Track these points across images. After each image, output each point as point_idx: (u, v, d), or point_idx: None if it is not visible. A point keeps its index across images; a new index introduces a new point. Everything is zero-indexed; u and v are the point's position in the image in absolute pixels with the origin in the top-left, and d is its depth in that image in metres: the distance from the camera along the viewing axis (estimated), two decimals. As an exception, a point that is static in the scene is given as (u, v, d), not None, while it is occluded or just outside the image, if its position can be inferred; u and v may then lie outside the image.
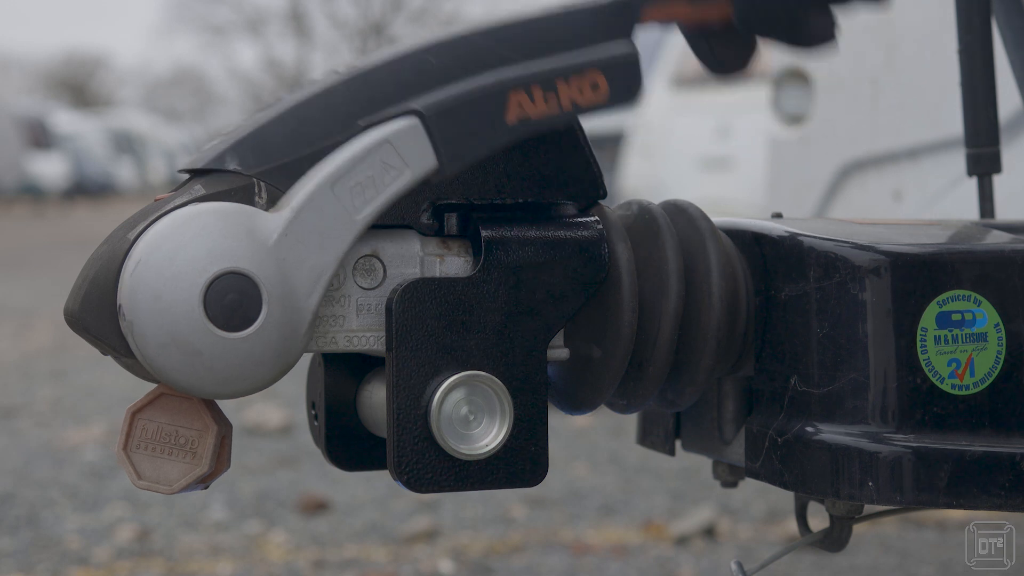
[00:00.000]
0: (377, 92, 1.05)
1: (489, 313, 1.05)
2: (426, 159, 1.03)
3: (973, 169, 1.40)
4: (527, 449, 1.06)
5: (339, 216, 1.02)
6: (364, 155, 1.02)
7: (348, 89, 1.05)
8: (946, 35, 1.49)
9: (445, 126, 1.03)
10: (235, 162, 1.02)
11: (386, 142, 1.02)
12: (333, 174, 1.01)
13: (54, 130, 27.48)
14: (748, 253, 1.17)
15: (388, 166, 1.02)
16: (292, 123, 1.04)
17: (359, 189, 1.02)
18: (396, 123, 1.03)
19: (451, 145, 1.03)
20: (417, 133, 1.03)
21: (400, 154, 1.03)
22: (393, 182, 1.03)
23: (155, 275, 0.98)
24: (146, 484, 1.03)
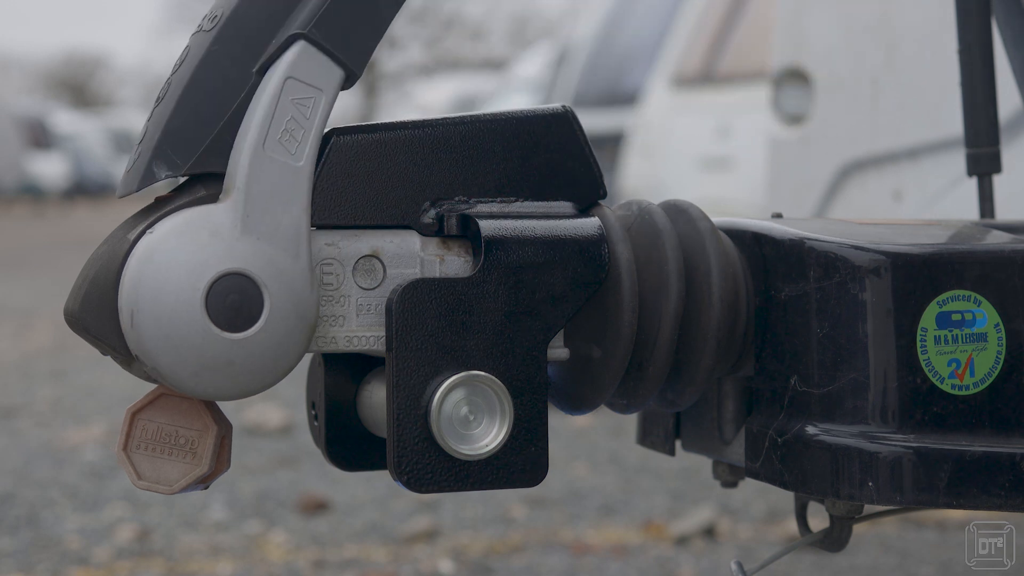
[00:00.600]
0: (250, 32, 1.03)
1: (489, 313, 1.05)
2: (332, 74, 1.02)
3: (973, 169, 1.40)
4: (527, 449, 1.06)
5: (283, 172, 1.01)
6: (274, 103, 1.01)
7: (223, 43, 1.03)
8: (946, 35, 1.49)
9: (331, 33, 1.02)
10: (164, 169, 1.01)
11: (288, 79, 1.01)
12: (257, 137, 1.01)
13: (54, 130, 27.48)
14: (748, 253, 1.17)
15: (302, 101, 1.02)
16: (193, 103, 1.02)
17: (288, 136, 1.01)
18: (287, 56, 1.01)
19: (348, 49, 1.03)
20: (311, 55, 1.02)
21: (307, 83, 1.02)
22: (314, 113, 1.02)
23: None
24: (146, 484, 1.03)
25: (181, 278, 0.98)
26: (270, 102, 1.01)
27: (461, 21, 32.45)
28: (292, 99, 1.01)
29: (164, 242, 0.98)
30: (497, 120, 1.12)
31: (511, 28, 33.41)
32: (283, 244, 1.00)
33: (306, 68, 1.02)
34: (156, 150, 1.01)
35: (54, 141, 27.12)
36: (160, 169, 1.01)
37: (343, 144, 1.07)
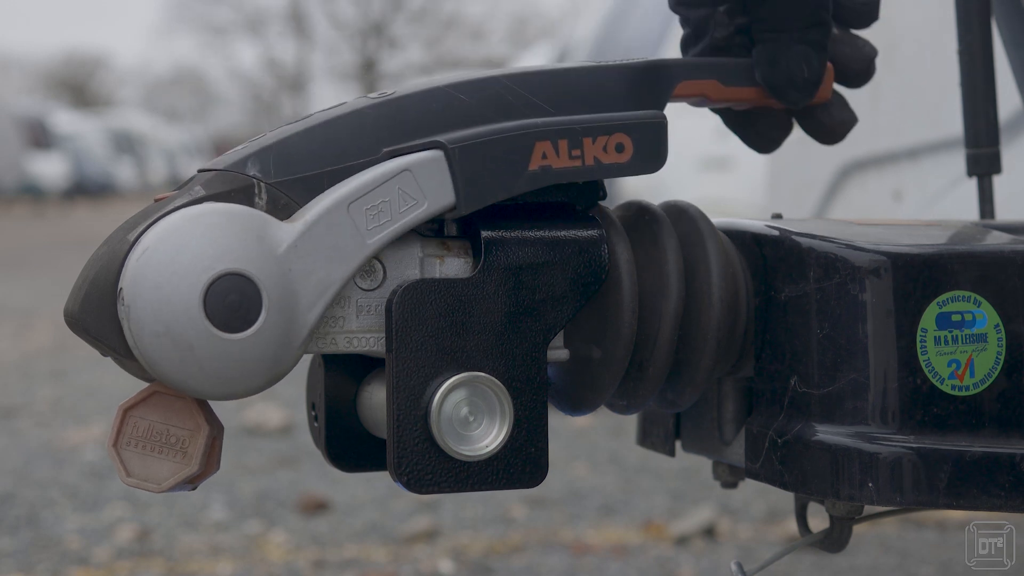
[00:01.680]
0: (405, 122, 1.06)
1: (489, 314, 1.05)
2: (444, 194, 1.04)
3: (973, 169, 1.40)
4: (527, 450, 1.06)
5: (351, 235, 1.02)
6: (383, 180, 1.03)
7: (377, 115, 1.06)
8: (946, 35, 1.49)
9: (468, 164, 1.04)
10: (256, 168, 1.03)
11: (407, 170, 1.03)
12: (350, 193, 1.02)
13: (54, 130, 27.49)
14: (748, 253, 1.17)
15: (406, 195, 1.03)
16: (318, 139, 1.04)
17: (374, 212, 1.03)
18: (420, 154, 1.04)
19: (471, 183, 1.04)
20: (439, 166, 1.04)
21: (419, 184, 1.03)
22: (409, 211, 1.03)
23: (159, 266, 0.98)
24: (135, 481, 1.03)
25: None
26: (381, 176, 1.02)
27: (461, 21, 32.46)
28: (399, 187, 1.03)
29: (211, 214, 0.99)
30: (497, 120, 1.11)
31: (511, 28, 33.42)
32: (307, 289, 1.01)
33: (428, 174, 1.03)
34: (261, 151, 1.03)
35: (54, 141, 27.13)
36: (252, 166, 1.03)
37: (343, 145, 1.07)
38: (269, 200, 1.03)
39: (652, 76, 1.14)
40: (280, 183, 1.03)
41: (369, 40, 31.42)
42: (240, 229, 0.99)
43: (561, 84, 1.11)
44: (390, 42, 31.38)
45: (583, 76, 1.12)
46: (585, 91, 1.11)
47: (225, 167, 1.04)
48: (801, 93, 1.18)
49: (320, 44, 33.68)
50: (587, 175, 1.07)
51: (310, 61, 34.13)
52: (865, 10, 1.22)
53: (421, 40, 31.91)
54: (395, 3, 31.48)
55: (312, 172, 1.04)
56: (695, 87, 1.17)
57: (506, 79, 1.10)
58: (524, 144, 1.05)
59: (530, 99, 1.09)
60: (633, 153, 1.08)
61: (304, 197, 1.03)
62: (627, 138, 1.08)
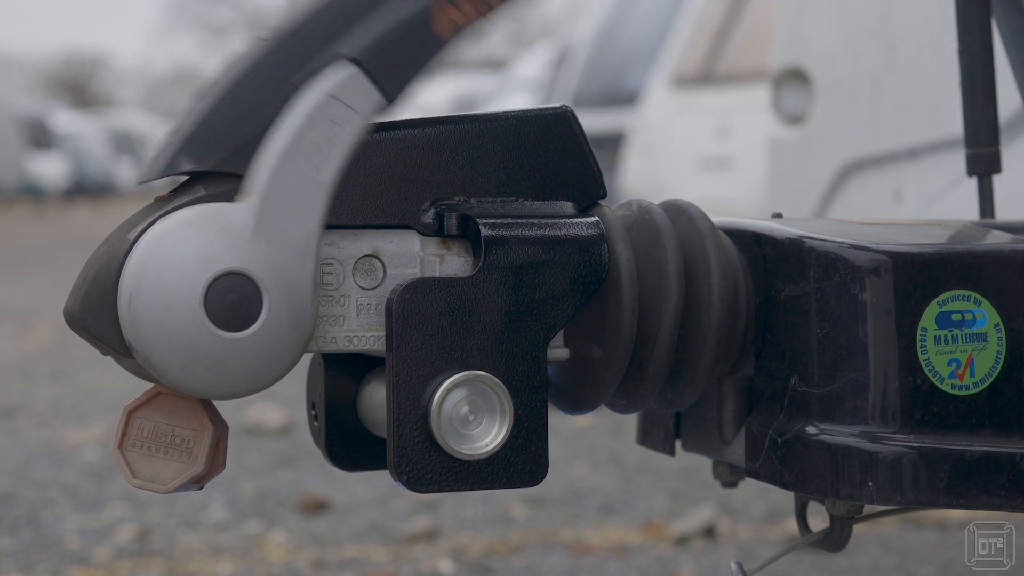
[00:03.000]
0: (304, 49, 1.04)
1: (489, 313, 1.05)
2: (370, 99, 1.04)
3: (973, 169, 1.40)
4: (527, 449, 1.06)
5: (305, 184, 1.01)
6: (311, 117, 1.02)
7: (276, 54, 1.04)
8: (946, 35, 1.49)
9: (382, 62, 1.03)
10: (189, 162, 1.02)
11: (329, 97, 1.02)
12: (287, 146, 1.01)
13: (54, 130, 27.48)
14: (748, 253, 1.17)
15: (337, 119, 1.03)
16: (231, 105, 1.03)
17: (315, 150, 1.02)
18: (334, 75, 1.03)
19: (391, 77, 1.04)
20: (356, 78, 1.03)
21: (346, 104, 1.03)
22: (345, 132, 1.03)
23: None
24: (140, 483, 1.03)
25: (185, 268, 0.98)
26: (307, 115, 1.02)
27: (461, 21, 32.38)
28: (328, 116, 1.02)
29: (175, 230, 0.99)
30: (497, 120, 1.12)
31: (511, 28, 33.40)
32: (291, 253, 1.00)
33: (349, 91, 1.03)
34: (185, 142, 1.02)
35: (54, 141, 27.12)
36: (184, 161, 1.02)
37: (343, 144, 1.07)
38: None
39: None
40: (217, 164, 1.02)
41: (369, 40, 31.31)
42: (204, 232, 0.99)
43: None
44: (390, 42, 31.26)
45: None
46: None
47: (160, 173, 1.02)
48: None
49: (320, 44, 33.55)
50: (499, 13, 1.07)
51: (310, 61, 34.01)
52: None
53: (421, 40, 31.81)
54: (395, 3, 31.36)
55: (241, 140, 1.02)
56: None
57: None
58: (422, 16, 1.05)
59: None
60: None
61: (244, 167, 1.02)
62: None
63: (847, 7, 2.32)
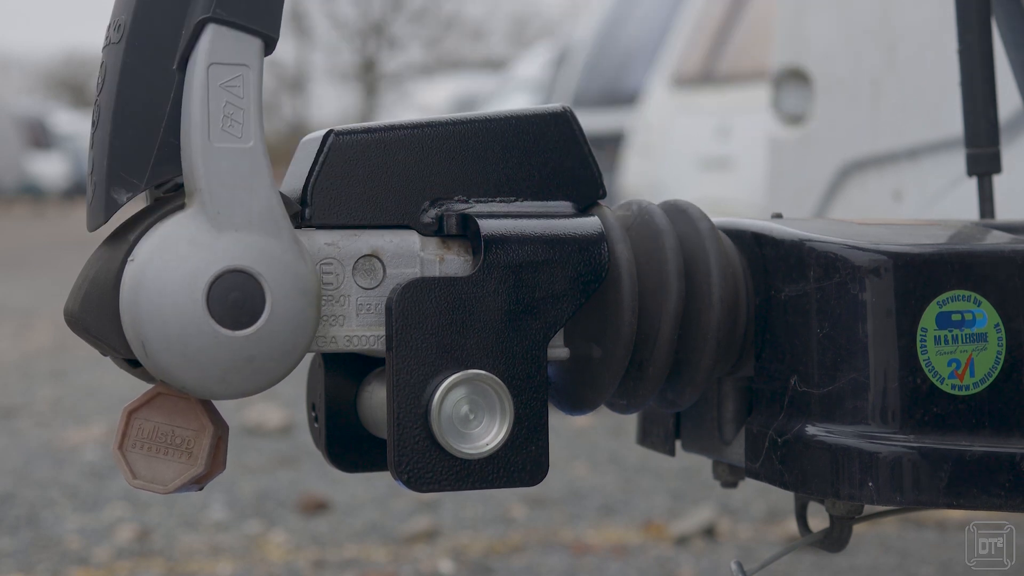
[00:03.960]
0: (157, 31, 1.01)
1: (489, 312, 1.05)
2: (252, 46, 1.01)
3: (973, 169, 1.40)
4: (527, 448, 1.06)
5: (237, 158, 1.00)
6: (205, 93, 1.00)
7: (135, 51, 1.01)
8: (946, 35, 1.49)
9: (236, 7, 1.01)
10: (123, 193, 1.00)
11: (211, 65, 1.00)
12: (199, 132, 1.00)
13: (54, 130, 27.48)
14: (748, 253, 1.17)
15: (231, 82, 1.01)
16: (126, 119, 1.01)
17: (229, 122, 1.01)
18: (201, 43, 1.00)
19: (257, 16, 1.01)
20: (225, 35, 1.01)
21: (230, 63, 1.01)
22: (247, 90, 1.01)
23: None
24: (141, 483, 1.03)
25: (177, 294, 0.97)
26: (201, 94, 1.00)
27: (461, 21, 32.45)
28: (221, 84, 1.00)
29: (150, 263, 0.98)
30: (497, 120, 1.12)
31: (511, 28, 33.41)
32: (261, 227, 1.00)
33: (224, 49, 1.00)
34: (109, 176, 1.00)
35: (54, 141, 27.12)
36: (119, 194, 1.00)
37: (343, 144, 1.07)
38: None
39: None
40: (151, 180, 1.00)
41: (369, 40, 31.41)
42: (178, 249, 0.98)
43: None
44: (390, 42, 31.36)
45: None
46: None
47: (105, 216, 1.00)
48: None
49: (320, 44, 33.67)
50: None
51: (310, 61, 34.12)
52: None
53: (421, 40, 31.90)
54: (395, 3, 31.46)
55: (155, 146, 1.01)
56: None
57: None
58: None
59: None
60: None
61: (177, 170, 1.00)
62: None
63: (847, 7, 2.32)
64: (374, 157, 1.07)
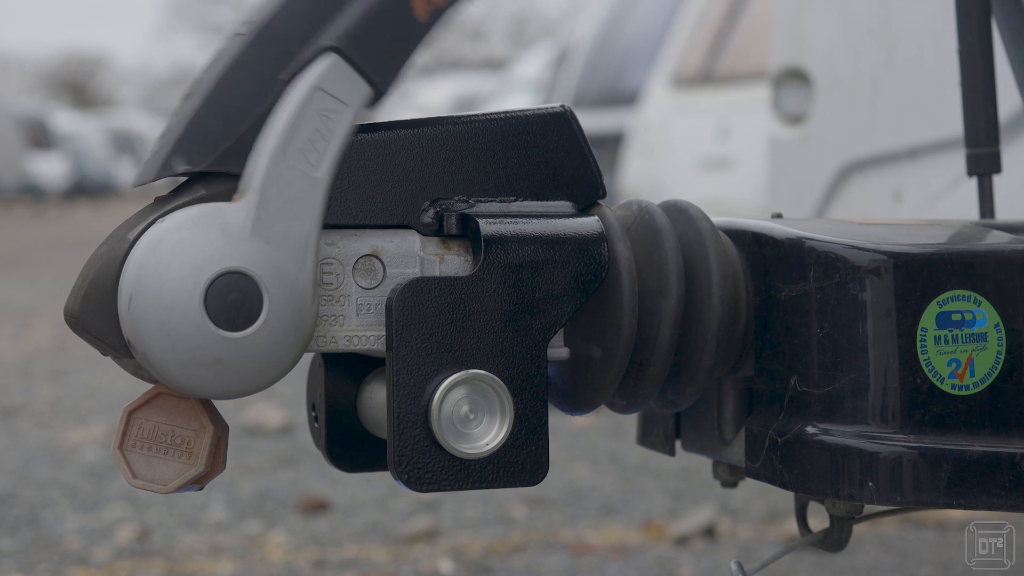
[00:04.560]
0: (284, 41, 1.03)
1: (489, 312, 1.05)
2: (359, 90, 1.03)
3: (973, 169, 1.40)
4: (527, 448, 1.06)
5: (300, 181, 1.01)
6: (301, 112, 1.01)
7: (257, 48, 1.03)
8: (946, 35, 1.49)
9: (363, 50, 1.03)
10: (183, 163, 1.01)
11: (316, 90, 1.02)
12: (280, 143, 1.01)
13: (54, 130, 27.48)
14: (748, 253, 1.17)
15: (327, 112, 1.02)
16: (220, 103, 1.02)
17: (309, 146, 1.02)
18: (318, 67, 1.02)
19: (376, 65, 1.03)
20: (342, 69, 1.02)
21: (334, 96, 1.02)
22: (338, 126, 1.02)
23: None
24: (141, 483, 1.03)
25: (184, 269, 0.97)
26: (296, 111, 1.01)
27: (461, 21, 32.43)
28: (318, 110, 1.02)
29: (173, 231, 0.98)
30: (497, 120, 1.12)
31: (511, 28, 33.40)
32: (291, 252, 1.00)
33: (335, 81, 1.02)
34: (178, 143, 1.02)
35: (54, 141, 27.12)
36: (179, 162, 1.01)
37: (343, 144, 1.07)
38: None
39: None
40: (212, 164, 1.01)
41: (369, 40, 31.32)
42: (201, 233, 0.99)
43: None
44: (390, 42, 31.28)
45: None
46: None
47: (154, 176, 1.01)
48: None
49: (320, 44, 33.55)
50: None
51: (310, 61, 34.00)
52: None
53: (421, 40, 31.83)
54: (395, 3, 31.37)
55: (233, 138, 1.02)
56: None
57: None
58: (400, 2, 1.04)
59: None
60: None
61: (239, 166, 1.02)
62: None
63: (847, 7, 2.32)
64: (374, 157, 1.07)
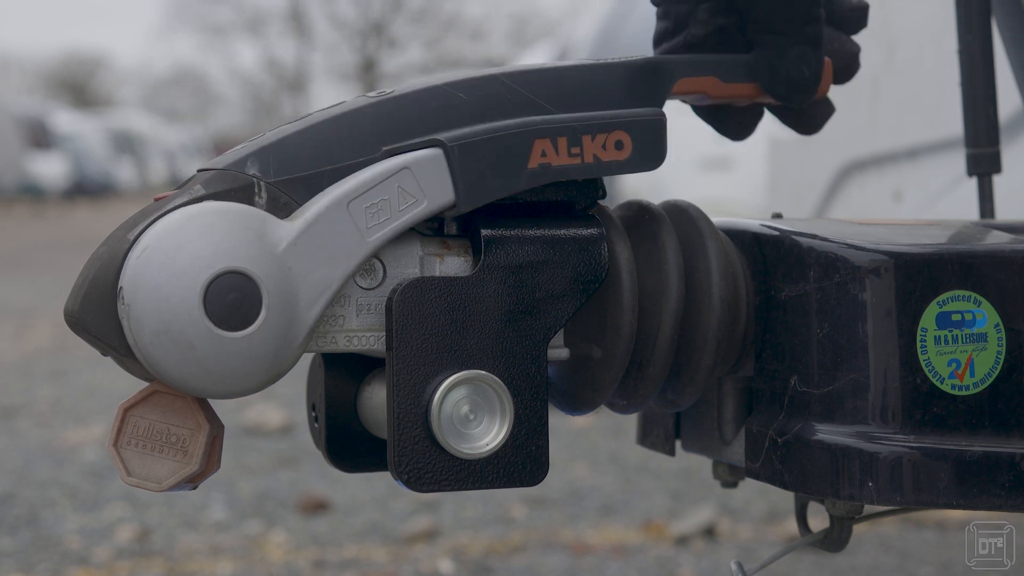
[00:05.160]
0: (404, 120, 1.06)
1: (489, 312, 1.06)
2: (443, 192, 1.04)
3: (973, 169, 1.40)
4: (527, 448, 1.07)
5: (350, 234, 1.02)
6: (383, 178, 1.03)
7: (376, 113, 1.06)
8: (946, 35, 1.49)
9: (467, 161, 1.04)
10: (256, 167, 1.03)
11: (406, 168, 1.03)
12: (350, 192, 1.02)
13: (54, 130, 27.48)
14: (748, 253, 1.17)
15: (405, 193, 1.03)
16: (317, 138, 1.05)
17: (374, 211, 1.03)
18: (419, 152, 1.03)
19: (470, 181, 1.04)
20: (438, 164, 1.03)
21: (418, 182, 1.03)
22: (408, 209, 1.03)
23: (159, 265, 0.98)
24: (135, 481, 1.03)
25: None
26: (380, 174, 1.03)
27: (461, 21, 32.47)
28: (399, 185, 1.03)
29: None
30: (497, 120, 1.11)
31: (511, 28, 33.42)
32: (306, 289, 1.01)
33: (427, 172, 1.03)
34: (261, 150, 1.03)
35: (54, 141, 27.13)
36: (252, 165, 1.03)
37: (343, 144, 1.07)
38: (269, 199, 1.03)
39: (651, 73, 1.14)
40: (280, 182, 1.03)
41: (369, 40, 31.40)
42: (240, 228, 0.99)
43: (560, 82, 1.11)
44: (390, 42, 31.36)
45: (582, 74, 1.12)
46: (584, 89, 1.11)
47: (224, 166, 1.04)
48: (804, 93, 1.18)
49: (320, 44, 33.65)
50: (586, 172, 1.07)
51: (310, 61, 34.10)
52: (854, 16, 1.23)
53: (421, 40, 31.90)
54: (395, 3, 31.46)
55: (311, 171, 1.04)
56: (695, 84, 1.17)
57: (505, 77, 1.09)
58: (523, 142, 1.05)
59: (529, 97, 1.09)
60: (632, 150, 1.08)
61: (303, 196, 1.03)
62: (626, 135, 1.08)
63: (847, 7, 2.31)
64: (374, 157, 1.07)
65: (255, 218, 1.00)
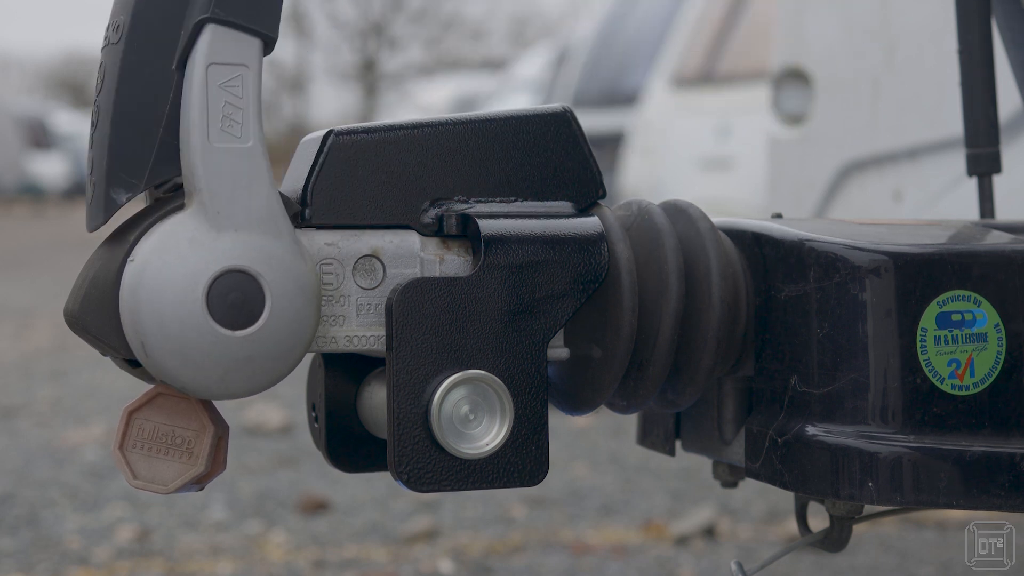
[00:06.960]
0: (157, 31, 1.01)
1: (489, 312, 1.06)
2: (251, 46, 1.01)
3: (973, 169, 1.40)
4: (527, 448, 1.07)
5: (235, 156, 1.00)
6: (205, 93, 1.00)
7: (134, 52, 1.01)
8: (946, 35, 1.49)
9: (236, 7, 1.01)
10: (123, 192, 1.00)
11: (210, 65, 1.00)
12: (199, 132, 1.00)
13: (54, 130, 27.48)
14: (748, 253, 1.17)
15: (230, 82, 1.01)
16: (127, 119, 1.01)
17: (228, 122, 1.01)
18: (201, 43, 1.00)
19: (256, 16, 1.01)
20: (224, 35, 1.01)
21: (229, 64, 1.01)
22: (246, 90, 1.01)
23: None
24: (141, 484, 1.03)
25: (177, 293, 0.97)
26: (200, 94, 1.00)
27: (461, 21, 32.45)
28: (220, 84, 1.00)
29: (149, 263, 0.98)
30: (497, 120, 1.12)
31: (511, 28, 33.42)
32: (261, 227, 1.00)
33: (223, 49, 1.00)
34: (109, 176, 1.00)
35: (54, 141, 27.12)
36: (119, 194, 1.00)
37: (343, 144, 1.07)
38: None
39: None
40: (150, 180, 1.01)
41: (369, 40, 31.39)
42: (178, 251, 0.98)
43: None
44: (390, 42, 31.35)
45: None
46: None
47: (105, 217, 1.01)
48: None
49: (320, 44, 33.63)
50: None
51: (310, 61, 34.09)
52: None
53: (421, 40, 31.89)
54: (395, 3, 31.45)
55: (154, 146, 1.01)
56: None
57: None
58: None
59: None
60: None
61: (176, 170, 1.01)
62: None
63: (847, 7, 2.32)
64: (374, 157, 1.07)
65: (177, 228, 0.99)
